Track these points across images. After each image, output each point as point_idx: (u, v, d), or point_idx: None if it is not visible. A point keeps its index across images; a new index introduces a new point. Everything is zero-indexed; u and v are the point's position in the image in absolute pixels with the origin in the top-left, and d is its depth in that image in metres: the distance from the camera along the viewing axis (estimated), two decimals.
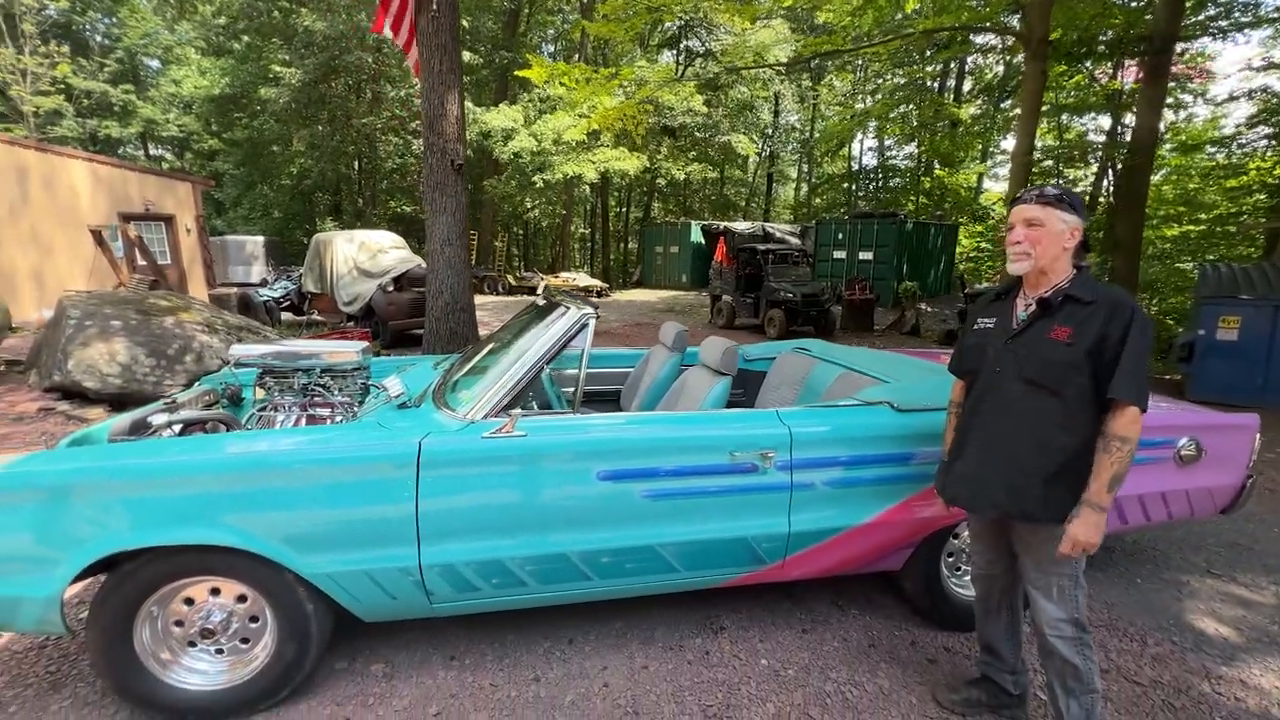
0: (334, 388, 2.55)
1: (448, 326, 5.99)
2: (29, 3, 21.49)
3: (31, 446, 4.36)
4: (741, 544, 2.06)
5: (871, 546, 2.18)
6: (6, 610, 1.69)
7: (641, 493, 1.95)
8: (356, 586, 1.86)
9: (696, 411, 2.22)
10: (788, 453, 2.04)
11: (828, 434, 2.09)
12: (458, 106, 5.74)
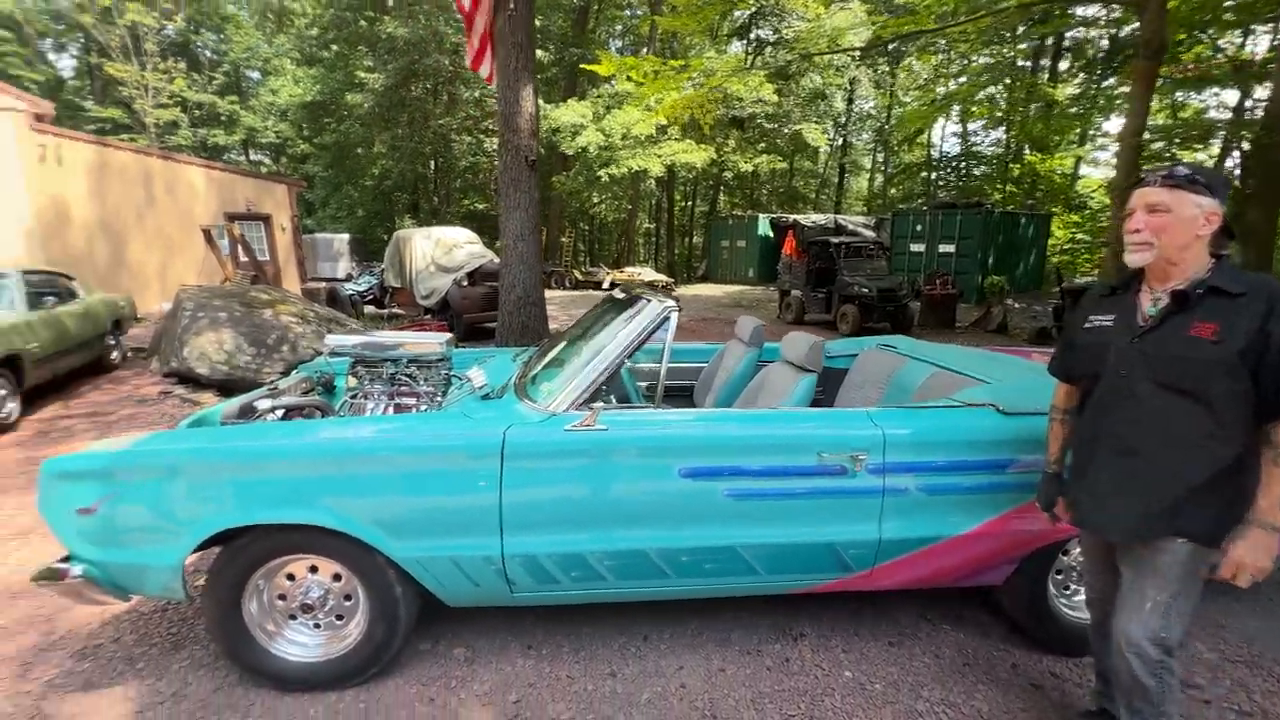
0: (419, 378, 2.63)
1: (519, 320, 6.12)
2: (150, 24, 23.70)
3: (153, 426, 4.80)
4: (827, 549, 1.96)
5: (970, 559, 2.03)
6: (136, 575, 1.85)
7: (724, 492, 1.89)
8: (442, 572, 1.90)
9: (780, 409, 2.14)
10: (880, 455, 1.92)
11: (924, 437, 1.95)
12: (532, 103, 5.83)
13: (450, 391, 2.54)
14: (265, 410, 2.34)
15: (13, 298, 5.12)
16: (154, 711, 1.90)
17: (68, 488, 1.78)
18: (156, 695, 1.97)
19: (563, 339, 2.73)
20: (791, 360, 2.37)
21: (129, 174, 11.81)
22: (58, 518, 1.80)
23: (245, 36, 27.50)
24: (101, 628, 2.30)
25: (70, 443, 4.37)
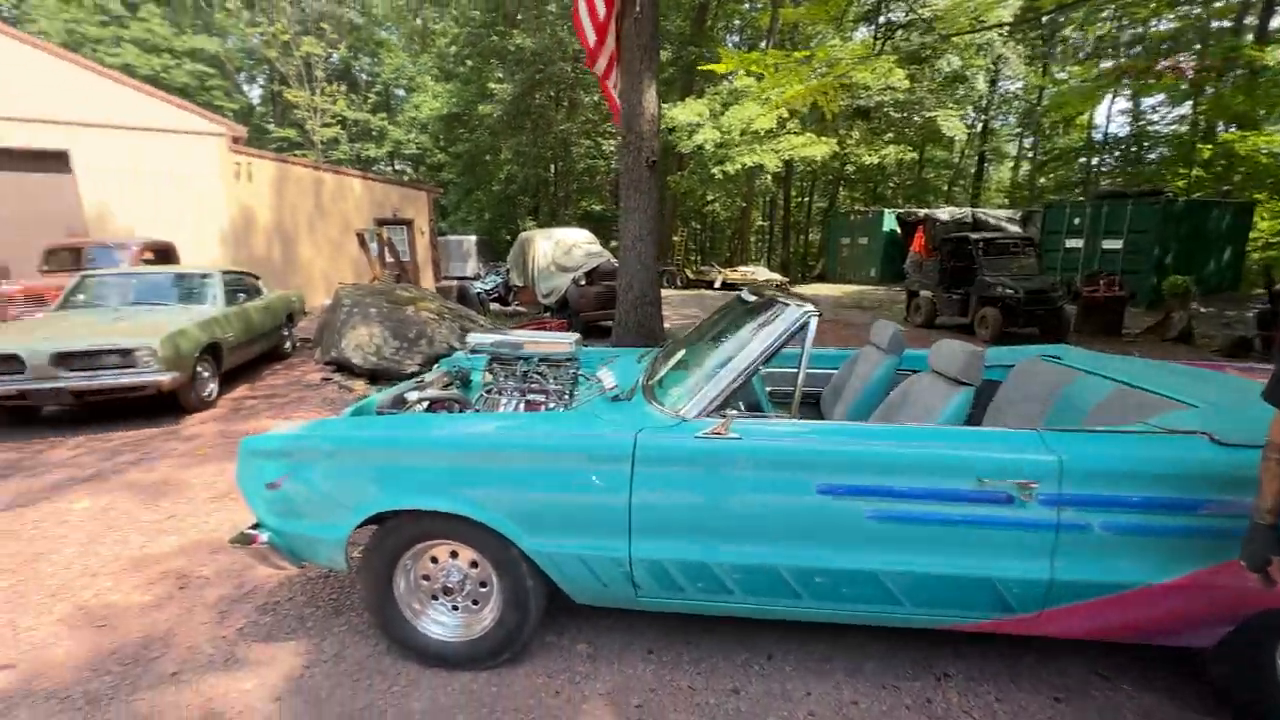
0: (549, 376, 2.72)
1: (636, 319, 6.19)
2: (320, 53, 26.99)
3: (315, 408, 5.41)
4: (985, 586, 1.75)
5: (1169, 614, 1.72)
6: (308, 546, 2.07)
7: (867, 512, 1.75)
8: (571, 569, 1.94)
9: (932, 426, 1.94)
10: (1055, 485, 1.67)
11: (1114, 467, 1.67)
12: (654, 105, 5.87)
13: (579, 391, 2.60)
14: (414, 402, 2.54)
15: (215, 294, 6.02)
16: (319, 668, 2.12)
17: (259, 464, 2.03)
18: (321, 654, 2.19)
19: (688, 341, 2.69)
20: (944, 371, 2.15)
21: (302, 185, 13.51)
22: (250, 489, 2.05)
23: (394, 58, 30.43)
24: (279, 587, 2.61)
25: (255, 420, 5.05)
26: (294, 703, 1.96)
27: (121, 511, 3.33)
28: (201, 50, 25.24)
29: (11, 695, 1.99)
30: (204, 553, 2.89)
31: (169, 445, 4.41)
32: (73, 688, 2.02)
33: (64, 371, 4.43)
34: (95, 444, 4.44)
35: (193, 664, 2.14)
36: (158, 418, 5.01)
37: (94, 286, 5.85)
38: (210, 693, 2.01)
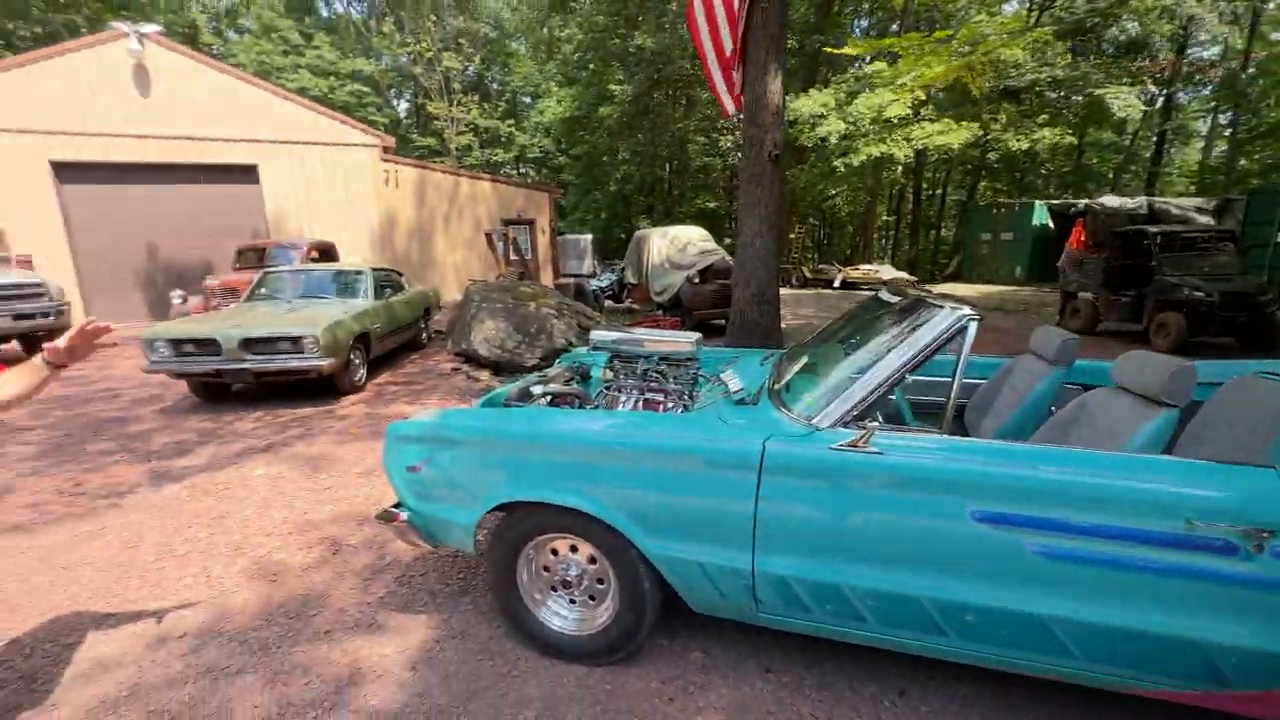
0: (669, 375, 2.68)
1: (752, 318, 6.01)
2: (457, 67, 29.23)
3: (446, 396, 5.82)
4: (1191, 650, 1.45)
5: None
6: (442, 528, 2.19)
7: (1034, 547, 1.52)
8: (690, 576, 1.88)
9: (1122, 452, 1.65)
10: None
11: None
12: (779, 97, 5.65)
13: (700, 392, 2.53)
14: (538, 396, 2.61)
15: (366, 290, 6.69)
16: (447, 644, 2.24)
17: (401, 448, 2.17)
18: (449, 630, 2.32)
19: (817, 343, 2.52)
20: (1136, 388, 1.82)
21: (439, 189, 14.69)
22: (394, 471, 2.21)
23: (522, 67, 32.22)
24: (415, 561, 2.81)
25: (395, 404, 5.53)
26: (425, 673, 2.08)
27: (289, 480, 3.78)
28: (360, 71, 28.28)
29: (204, 633, 2.30)
30: (353, 523, 3.19)
31: (326, 423, 4.95)
32: (249, 633, 2.30)
33: (248, 354, 5.12)
34: (270, 419, 5.09)
35: (342, 624, 2.36)
36: (317, 398, 5.65)
37: (272, 281, 6.73)
38: (355, 653, 2.19)
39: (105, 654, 2.19)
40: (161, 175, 11.58)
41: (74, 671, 2.10)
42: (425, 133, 30.99)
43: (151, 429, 4.85)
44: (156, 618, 2.39)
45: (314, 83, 25.96)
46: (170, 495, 3.56)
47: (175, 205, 11.84)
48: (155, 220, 11.76)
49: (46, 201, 10.94)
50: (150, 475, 3.86)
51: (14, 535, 3.07)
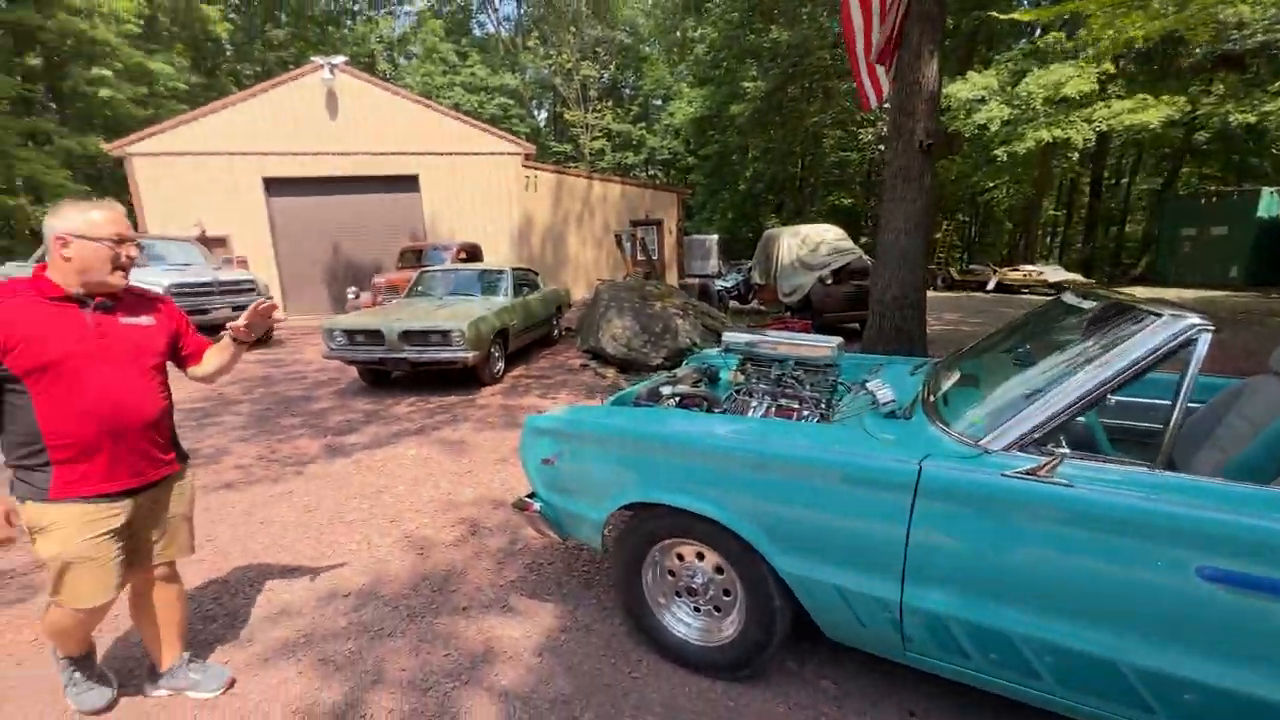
0: (805, 382, 2.53)
1: (892, 322, 5.55)
2: (593, 75, 30.47)
3: (575, 392, 6.03)
4: None
5: None
6: (572, 522, 2.23)
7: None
8: (826, 600, 1.74)
9: None
10: None
11: None
12: (934, 82, 5.15)
13: (841, 400, 2.35)
14: (667, 396, 2.58)
15: (506, 288, 7.15)
16: (572, 635, 2.28)
17: (538, 441, 2.25)
18: (574, 621, 2.37)
19: (980, 352, 2.24)
20: None
21: (573, 192, 15.37)
22: (529, 462, 2.30)
23: (654, 71, 32.79)
24: (543, 550, 2.92)
25: (528, 396, 5.84)
26: (551, 661, 2.14)
27: (436, 462, 4.12)
28: (506, 85, 30.47)
29: (364, 594, 2.56)
30: (489, 506, 3.40)
31: (468, 411, 5.34)
32: (399, 600, 2.52)
33: (406, 345, 5.68)
34: (421, 404, 5.61)
35: (478, 602, 2.50)
36: (461, 388, 6.13)
37: (427, 280, 7.43)
38: (489, 632, 2.31)
39: (287, 601, 2.51)
40: (344, 186, 13.30)
41: (263, 614, 2.43)
42: (562, 139, 32.69)
43: (328, 408, 5.54)
44: (320, 576, 2.70)
45: (466, 99, 28.41)
46: (340, 467, 4.03)
47: (353, 212, 13.55)
48: (337, 226, 13.55)
49: (259, 212, 13.04)
50: (326, 449, 4.40)
51: (226, 492, 3.65)
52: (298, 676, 2.08)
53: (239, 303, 8.55)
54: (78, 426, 1.63)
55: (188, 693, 1.97)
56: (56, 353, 1.59)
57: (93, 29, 17.05)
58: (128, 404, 1.70)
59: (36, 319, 1.60)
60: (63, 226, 1.61)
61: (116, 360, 1.69)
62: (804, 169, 24.16)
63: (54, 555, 1.66)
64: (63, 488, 1.64)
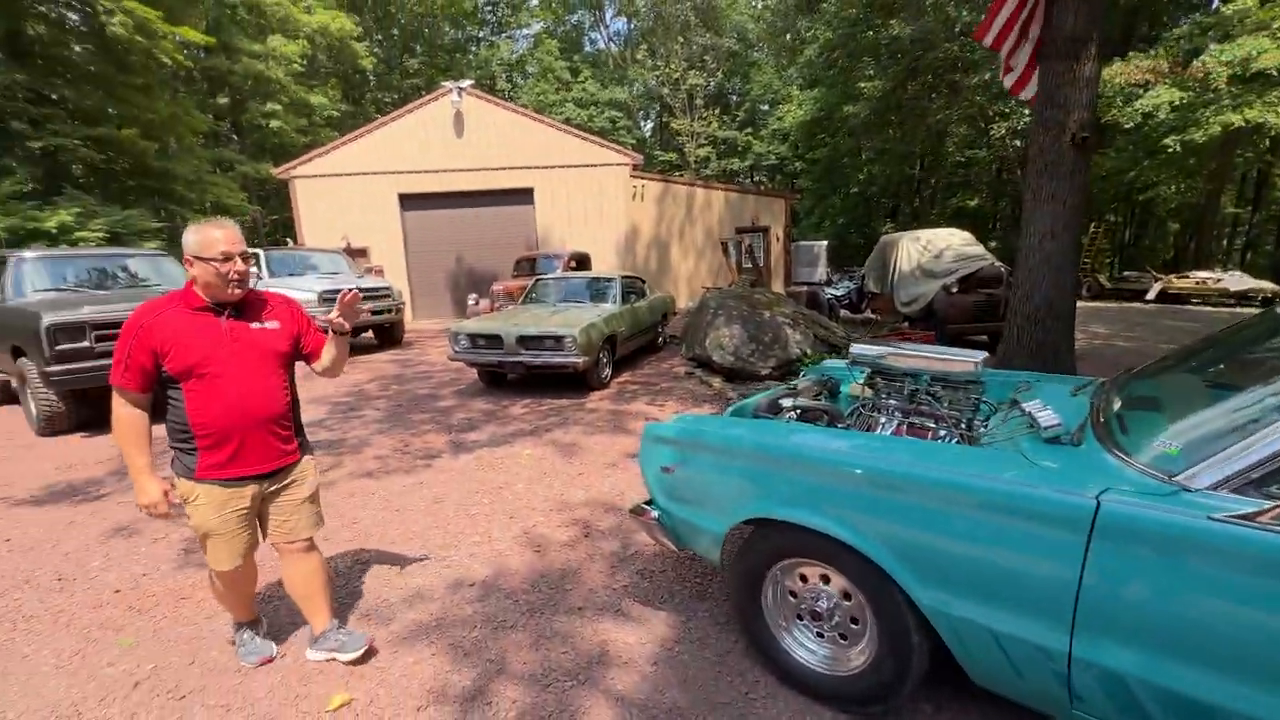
0: (944, 399, 2.33)
1: (1035, 336, 5.02)
2: (700, 83, 30.59)
3: (681, 400, 6.02)
4: None
5: None
6: (690, 532, 2.21)
7: None
8: (976, 642, 1.57)
9: None
10: None
11: None
12: (1092, 67, 4.61)
13: (989, 421, 2.14)
14: (788, 409, 2.49)
15: (615, 295, 7.31)
16: (685, 648, 2.25)
17: (657, 448, 2.25)
18: (687, 633, 2.34)
19: (1165, 371, 1.94)
20: None
21: (677, 200, 15.47)
22: (648, 469, 2.30)
23: (762, 76, 32.33)
24: (654, 557, 2.92)
25: (635, 402, 5.91)
26: (666, 672, 2.12)
27: (550, 462, 4.27)
28: (615, 98, 31.37)
29: (488, 586, 2.69)
30: (601, 509, 3.46)
31: (578, 415, 5.50)
32: (519, 595, 2.62)
33: (523, 350, 5.97)
34: (534, 407, 5.86)
35: (592, 604, 2.54)
36: (571, 392, 6.33)
37: (540, 288, 7.78)
38: (604, 635, 2.34)
39: (420, 586, 2.70)
40: (466, 200, 14.32)
41: (399, 596, 2.63)
42: (667, 148, 33.07)
43: (451, 406, 5.95)
44: (448, 564, 2.88)
45: (577, 113, 29.61)
46: (464, 463, 4.30)
47: (473, 224, 14.55)
48: (460, 237, 14.60)
49: (394, 225, 14.37)
50: (451, 444, 4.72)
51: (367, 480, 4.01)
52: (430, 658, 2.22)
53: (377, 308, 9.45)
54: (216, 420, 1.89)
55: (336, 655, 2.17)
56: (198, 356, 1.86)
57: (268, 70, 19.72)
58: (256, 401, 1.95)
59: (183, 328, 1.86)
60: (187, 248, 1.86)
61: (248, 362, 1.94)
62: (923, 170, 22.62)
63: (196, 525, 1.98)
64: (204, 470, 1.92)
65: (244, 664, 2.18)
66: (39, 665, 2.22)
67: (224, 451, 1.92)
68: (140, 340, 1.83)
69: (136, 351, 1.83)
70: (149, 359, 1.83)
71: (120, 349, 1.85)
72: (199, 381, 1.88)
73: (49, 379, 4.85)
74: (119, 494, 3.82)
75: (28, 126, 12.21)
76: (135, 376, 1.85)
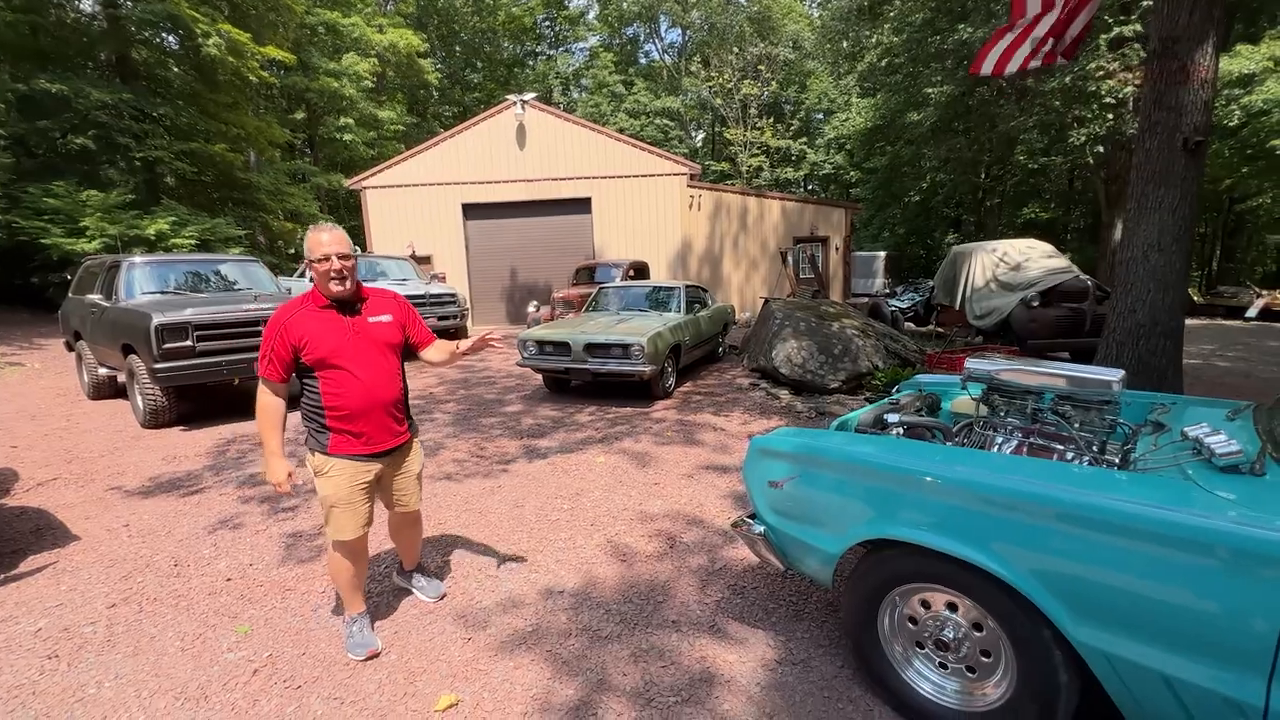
0: (1074, 420, 2.18)
1: (1136, 353, 4.69)
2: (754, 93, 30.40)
3: (749, 412, 5.91)
4: None
5: None
6: (799, 551, 2.13)
7: None
8: (1142, 687, 1.44)
9: None
10: None
11: None
12: (1210, 64, 4.30)
13: (1138, 445, 1.99)
14: (894, 424, 2.38)
15: (679, 304, 7.28)
16: (789, 670, 2.17)
17: (765, 462, 2.19)
18: (789, 654, 2.25)
19: None
20: None
21: (731, 211, 15.35)
22: (754, 483, 2.24)
23: (818, 84, 31.87)
24: (744, 572, 2.84)
25: (701, 413, 5.84)
26: (773, 695, 2.05)
27: (624, 471, 4.26)
28: (669, 108, 31.54)
29: (580, 595, 2.68)
30: (683, 521, 3.41)
31: (645, 424, 5.48)
32: (612, 605, 2.59)
33: (590, 358, 6.01)
34: (600, 414, 5.88)
35: (687, 619, 2.49)
36: (635, 401, 6.32)
37: (603, 296, 7.82)
38: (703, 651, 2.28)
39: (512, 591, 2.71)
40: (526, 210, 14.63)
41: (493, 600, 2.65)
42: (719, 158, 32.98)
43: (519, 411, 6.03)
44: (537, 570, 2.88)
45: (629, 123, 29.90)
46: (538, 468, 4.33)
47: (532, 233, 14.83)
48: (518, 246, 14.92)
49: (456, 234, 14.80)
50: (524, 449, 4.77)
51: (446, 482, 4.09)
52: (530, 665, 2.21)
53: (442, 313, 9.72)
54: (348, 403, 2.14)
55: (415, 592, 2.67)
56: (328, 349, 2.11)
57: (342, 88, 20.76)
58: (377, 387, 2.19)
59: (313, 324, 2.11)
60: (305, 252, 2.13)
61: (368, 352, 2.19)
62: (989, 179, 21.71)
63: (325, 496, 2.19)
64: (336, 446, 2.17)
65: (351, 656, 2.23)
66: (166, 647, 2.33)
67: (354, 430, 2.17)
68: (282, 337, 2.07)
69: (279, 347, 2.08)
70: (289, 353, 2.09)
71: (265, 345, 2.10)
72: (332, 370, 2.12)
73: (156, 375, 5.18)
74: (218, 487, 4.03)
75: (131, 141, 13.23)
76: (278, 368, 2.10)
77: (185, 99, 14.75)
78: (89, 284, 6.70)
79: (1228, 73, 11.40)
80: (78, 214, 11.38)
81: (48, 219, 11.31)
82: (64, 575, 2.89)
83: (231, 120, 15.68)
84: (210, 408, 6.11)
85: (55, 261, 11.40)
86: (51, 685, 2.13)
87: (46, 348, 10.15)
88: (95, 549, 3.16)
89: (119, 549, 3.15)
